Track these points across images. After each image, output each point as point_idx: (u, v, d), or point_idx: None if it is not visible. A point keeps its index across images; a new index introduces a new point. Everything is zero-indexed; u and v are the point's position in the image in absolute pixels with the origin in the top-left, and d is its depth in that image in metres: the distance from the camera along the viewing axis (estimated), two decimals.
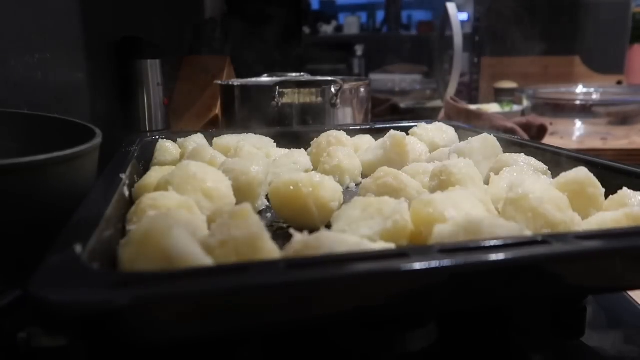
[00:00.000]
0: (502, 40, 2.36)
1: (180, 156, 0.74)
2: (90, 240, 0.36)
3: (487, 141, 0.69)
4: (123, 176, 0.55)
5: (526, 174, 0.57)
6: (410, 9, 4.10)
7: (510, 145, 0.73)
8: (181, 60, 1.56)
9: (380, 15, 4.05)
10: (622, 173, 0.57)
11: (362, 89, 1.14)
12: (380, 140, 0.78)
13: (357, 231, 0.44)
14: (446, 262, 0.33)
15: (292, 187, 0.54)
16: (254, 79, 1.25)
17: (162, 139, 0.78)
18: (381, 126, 0.92)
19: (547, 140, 1.44)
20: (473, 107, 1.62)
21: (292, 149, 0.78)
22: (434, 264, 0.32)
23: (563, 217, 0.44)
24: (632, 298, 0.54)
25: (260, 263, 0.34)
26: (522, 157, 0.62)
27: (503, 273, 0.34)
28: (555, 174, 0.57)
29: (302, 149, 0.78)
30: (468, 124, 1.03)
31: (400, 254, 0.33)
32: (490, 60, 2.39)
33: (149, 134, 0.83)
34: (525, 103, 1.74)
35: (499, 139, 0.71)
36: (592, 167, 0.56)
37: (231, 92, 1.12)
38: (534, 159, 0.63)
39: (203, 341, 0.35)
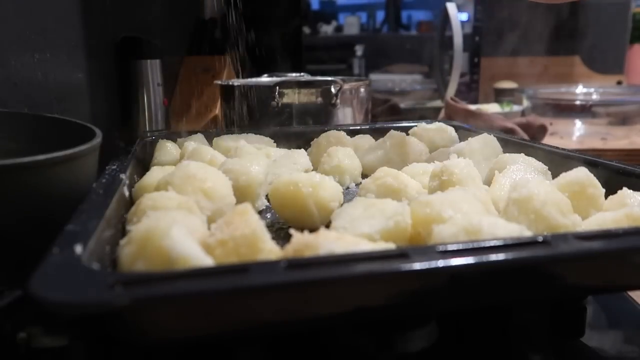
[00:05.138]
0: (502, 40, 2.36)
1: (180, 156, 0.74)
2: (90, 240, 0.36)
3: (487, 141, 0.69)
4: (123, 176, 0.55)
5: (529, 175, 0.57)
6: (410, 9, 4.10)
7: (510, 145, 0.73)
8: (181, 60, 1.56)
9: (380, 15, 4.05)
10: (622, 173, 0.57)
11: (362, 89, 1.14)
12: (380, 140, 0.78)
13: (357, 229, 0.44)
14: (446, 262, 0.33)
15: (292, 187, 0.54)
16: (254, 79, 1.25)
17: (162, 139, 0.78)
18: (381, 126, 0.92)
19: (547, 140, 1.44)
20: (473, 107, 1.62)
21: (292, 149, 0.78)
22: (434, 264, 0.32)
23: (565, 221, 0.44)
24: (632, 298, 0.54)
25: (260, 263, 0.34)
26: (522, 157, 0.62)
27: (503, 273, 0.35)
28: (555, 174, 0.57)
29: (302, 149, 0.78)
30: (468, 124, 1.03)
31: (400, 254, 0.33)
32: (490, 60, 2.39)
33: (149, 134, 0.83)
34: (525, 103, 1.74)
35: (499, 139, 0.71)
36: (592, 167, 0.56)
37: (231, 92, 1.12)
38: (534, 159, 0.63)
39: (203, 341, 0.35)
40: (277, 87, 1.04)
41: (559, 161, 0.64)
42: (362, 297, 0.32)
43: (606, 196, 0.51)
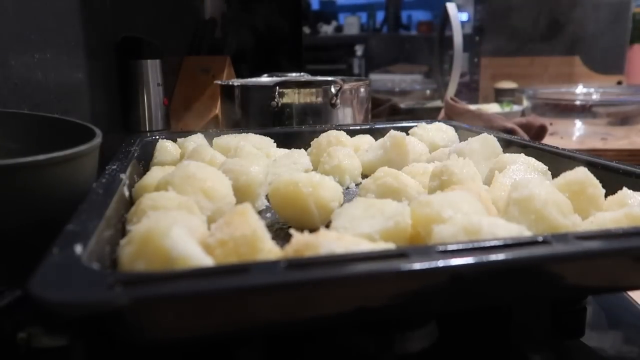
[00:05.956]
0: (502, 40, 2.36)
1: (180, 156, 0.74)
2: (90, 240, 0.36)
3: (487, 141, 0.69)
4: (123, 176, 0.55)
5: (529, 175, 0.57)
6: (410, 9, 4.09)
7: (510, 145, 0.73)
8: (181, 60, 1.56)
9: (380, 15, 4.05)
10: (622, 173, 0.57)
11: (362, 89, 1.14)
12: (380, 140, 0.78)
13: (357, 229, 0.44)
14: (446, 262, 0.33)
15: (292, 187, 0.54)
16: (254, 79, 1.25)
17: (162, 139, 0.78)
18: (381, 126, 0.92)
19: (547, 140, 1.44)
20: (473, 107, 1.62)
21: (292, 149, 0.78)
22: (434, 264, 0.32)
23: (566, 222, 0.44)
24: (632, 298, 0.54)
25: (260, 263, 0.34)
26: (522, 157, 0.62)
27: (503, 273, 0.34)
28: (555, 174, 0.57)
29: (302, 149, 0.78)
30: (468, 124, 1.03)
31: (400, 254, 0.33)
32: (490, 60, 2.39)
33: (149, 134, 0.83)
34: (525, 103, 1.74)
35: (499, 139, 0.71)
36: (592, 167, 0.56)
37: (231, 92, 1.12)
38: (534, 159, 0.63)
39: (203, 341, 0.35)
40: (277, 87, 1.04)
41: (559, 161, 0.64)
42: (362, 297, 0.32)
43: (606, 196, 0.51)
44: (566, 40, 2.42)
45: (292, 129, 0.93)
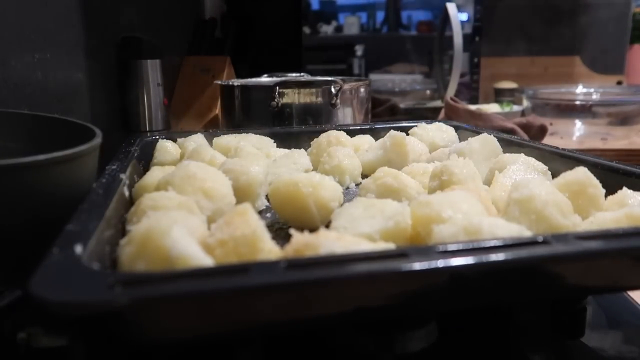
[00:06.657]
0: (502, 40, 2.36)
1: (180, 156, 0.74)
2: (90, 240, 0.36)
3: (487, 141, 0.69)
4: (123, 176, 0.55)
5: (529, 175, 0.57)
6: (410, 9, 4.10)
7: (510, 145, 0.73)
8: (181, 60, 1.56)
9: (380, 15, 4.05)
10: (622, 173, 0.57)
11: (362, 89, 1.14)
12: (380, 140, 0.78)
13: (357, 229, 0.44)
14: (446, 262, 0.33)
15: (292, 187, 0.54)
16: (254, 79, 1.26)
17: (162, 139, 0.78)
18: (381, 126, 0.92)
19: (547, 140, 1.44)
20: (473, 107, 1.62)
21: (292, 149, 0.78)
22: (434, 264, 0.32)
23: (566, 222, 0.44)
24: (632, 298, 0.54)
25: (260, 263, 0.34)
26: (522, 157, 0.62)
27: (503, 273, 0.35)
28: (555, 174, 0.57)
29: (302, 149, 0.78)
30: (468, 124, 1.03)
31: (400, 254, 0.33)
32: (490, 60, 2.38)
33: (149, 134, 0.83)
34: (525, 103, 1.74)
35: (499, 139, 0.71)
36: (592, 167, 0.56)
37: (231, 92, 1.12)
38: (533, 159, 0.63)
39: (203, 341, 0.35)
40: (277, 87, 1.04)
41: (559, 161, 0.64)
42: (362, 297, 0.32)
43: (606, 196, 0.51)
44: (566, 40, 2.42)
45: (292, 129, 0.93)
